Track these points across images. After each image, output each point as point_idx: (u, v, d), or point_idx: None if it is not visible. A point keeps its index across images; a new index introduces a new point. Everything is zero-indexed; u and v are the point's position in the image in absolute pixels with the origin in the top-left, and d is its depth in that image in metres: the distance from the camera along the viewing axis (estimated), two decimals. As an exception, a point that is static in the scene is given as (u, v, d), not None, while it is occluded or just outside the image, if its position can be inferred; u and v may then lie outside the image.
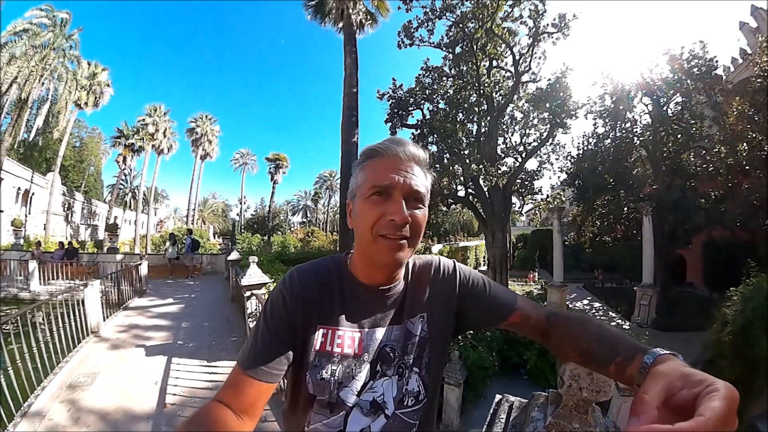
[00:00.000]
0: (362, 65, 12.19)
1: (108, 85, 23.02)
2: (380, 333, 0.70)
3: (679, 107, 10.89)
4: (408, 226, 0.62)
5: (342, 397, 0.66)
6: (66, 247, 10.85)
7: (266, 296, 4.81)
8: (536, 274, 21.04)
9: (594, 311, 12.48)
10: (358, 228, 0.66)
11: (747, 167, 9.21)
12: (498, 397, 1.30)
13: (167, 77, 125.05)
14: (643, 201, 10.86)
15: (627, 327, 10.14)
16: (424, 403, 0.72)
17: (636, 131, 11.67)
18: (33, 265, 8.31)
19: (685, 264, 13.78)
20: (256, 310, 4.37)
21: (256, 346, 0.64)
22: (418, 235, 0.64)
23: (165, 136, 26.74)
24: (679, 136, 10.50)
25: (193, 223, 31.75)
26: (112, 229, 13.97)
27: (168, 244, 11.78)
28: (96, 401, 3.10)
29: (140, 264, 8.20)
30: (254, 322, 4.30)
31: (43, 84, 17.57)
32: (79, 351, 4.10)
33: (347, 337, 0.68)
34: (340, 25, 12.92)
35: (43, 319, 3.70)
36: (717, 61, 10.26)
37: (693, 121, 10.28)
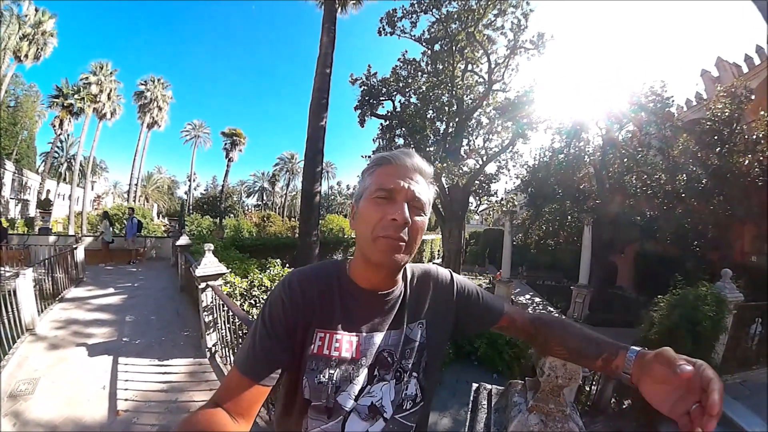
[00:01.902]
0: (338, 47, 11.70)
1: (53, 35, 19.72)
2: (378, 338, 0.71)
3: (630, 135, 12.06)
4: (407, 229, 0.65)
5: (340, 401, 0.66)
6: None
7: (222, 289, 4.62)
8: (501, 272, 22.36)
9: (534, 305, 13.71)
10: (360, 228, 0.68)
11: (683, 195, 10.33)
12: (475, 385, 1.47)
13: (118, 31, 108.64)
14: (586, 212, 12.03)
15: (563, 321, 11.32)
16: (420, 407, 0.74)
17: (588, 150, 12.72)
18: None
19: (617, 269, 15.53)
20: (212, 303, 4.10)
21: (255, 347, 0.65)
22: (416, 241, 0.67)
23: (109, 98, 23.28)
24: (625, 159, 11.65)
25: (135, 201, 28.62)
26: (45, 205, 12.31)
27: (103, 225, 10.56)
28: (41, 412, 2.81)
29: (76, 248, 7.30)
30: (210, 316, 4.14)
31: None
32: (15, 353, 3.66)
33: (345, 341, 0.69)
34: (323, -1, 12.28)
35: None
36: (673, 101, 11.36)
37: (640, 149, 11.44)
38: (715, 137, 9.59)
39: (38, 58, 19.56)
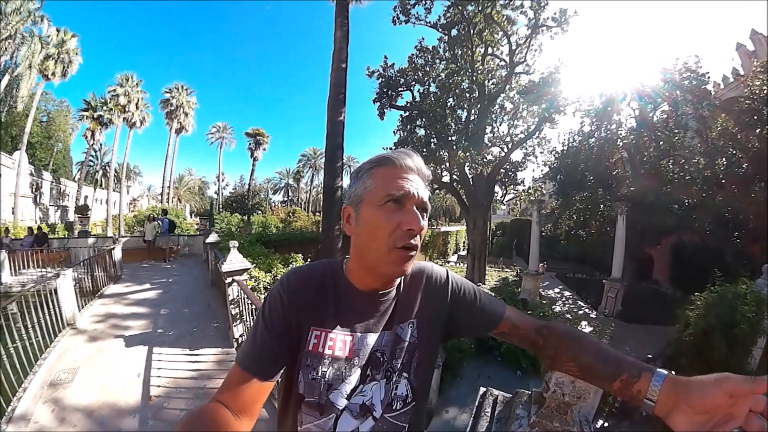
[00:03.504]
0: (353, 40, 11.59)
1: (77, 53, 21.17)
2: (372, 338, 0.71)
3: (665, 115, 11.26)
4: (418, 236, 0.64)
5: (332, 399, 0.67)
6: (36, 233, 10.12)
7: (247, 283, 4.73)
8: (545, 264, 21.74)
9: (564, 299, 13.15)
10: (364, 235, 0.66)
11: (723, 181, 9.63)
12: (482, 389, 1.40)
13: (141, 45, 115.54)
14: (620, 201, 11.33)
15: (593, 316, 10.76)
16: (412, 407, 0.73)
17: (620, 134, 11.99)
18: (3, 254, 7.65)
19: (652, 262, 14.62)
20: (237, 296, 4.28)
21: (255, 345, 0.66)
22: (420, 245, 0.67)
23: (137, 107, 24.92)
24: (661, 143, 10.89)
25: (168, 202, 30.41)
26: (83, 210, 13.18)
27: (148, 224, 11.18)
28: (79, 399, 3.00)
29: (114, 248, 7.81)
30: (236, 309, 4.24)
31: (5, 51, 16.03)
32: (56, 346, 3.93)
33: (339, 340, 0.69)
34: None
35: (17, 313, 3.51)
36: (708, 77, 10.55)
37: (677, 131, 10.67)
38: (755, 117, 8.79)
39: (65, 75, 21.06)
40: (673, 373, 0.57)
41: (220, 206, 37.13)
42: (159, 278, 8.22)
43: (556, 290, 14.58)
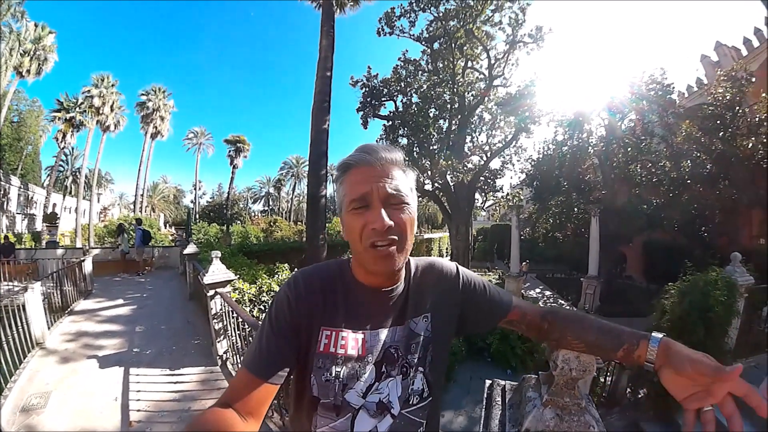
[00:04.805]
0: (338, 49, 11.59)
1: (53, 51, 20.01)
2: (383, 334, 0.71)
3: (632, 123, 11.94)
4: (393, 229, 0.63)
5: (348, 399, 0.66)
6: (2, 242, 9.49)
7: (231, 295, 4.58)
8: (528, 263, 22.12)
9: (545, 298, 13.54)
10: (349, 240, 0.68)
11: (689, 181, 10.29)
12: (488, 382, 1.46)
13: (119, 45, 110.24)
14: (593, 204, 11.90)
15: (575, 312, 11.22)
16: (429, 402, 0.73)
17: (591, 142, 12.62)
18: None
19: (626, 259, 15.33)
20: (221, 310, 4.08)
21: (261, 347, 0.66)
22: (406, 236, 0.65)
23: (112, 110, 23.60)
24: (629, 149, 11.53)
25: (141, 211, 29.03)
26: (51, 219, 12.46)
27: (121, 238, 10.66)
28: (54, 425, 2.80)
29: (84, 260, 7.35)
30: (219, 323, 4.10)
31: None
32: (26, 368, 3.65)
33: (351, 338, 0.69)
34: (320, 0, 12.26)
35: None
36: (673, 87, 11.31)
37: (643, 137, 11.35)
38: (718, 122, 9.46)
39: (39, 74, 19.83)
40: (665, 335, 0.67)
41: (197, 216, 35.87)
42: (133, 293, 7.82)
43: (538, 290, 14.97)
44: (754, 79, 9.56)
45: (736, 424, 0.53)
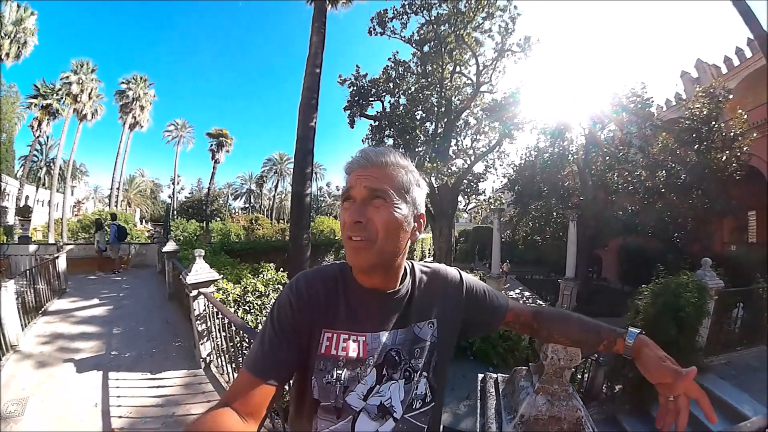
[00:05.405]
0: (329, 46, 11.29)
1: (33, 34, 18.74)
2: (385, 337, 0.71)
3: (612, 134, 12.54)
4: (366, 225, 0.64)
5: (348, 401, 0.67)
6: None
7: (215, 295, 4.52)
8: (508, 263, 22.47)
9: (525, 299, 13.98)
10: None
11: (663, 190, 10.87)
12: (481, 375, 1.54)
13: (100, 28, 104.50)
14: (571, 209, 12.42)
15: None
16: (431, 407, 0.74)
17: (572, 149, 13.13)
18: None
19: (602, 262, 16.00)
20: (204, 311, 3.95)
21: (263, 348, 0.66)
22: (378, 233, 0.64)
23: (90, 98, 22.18)
24: (607, 158, 12.14)
25: (117, 206, 27.53)
26: (24, 212, 11.64)
27: (99, 232, 10.03)
28: None
29: (58, 257, 6.99)
30: (203, 325, 4.03)
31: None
32: (1, 372, 3.50)
33: (352, 341, 0.69)
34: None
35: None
36: (652, 101, 11.85)
37: (621, 147, 11.93)
38: (694, 135, 10.00)
39: (19, 57, 18.53)
40: (642, 332, 0.78)
41: (175, 212, 34.69)
42: (109, 292, 7.53)
43: (517, 291, 15.44)
44: (731, 96, 10.10)
45: (681, 423, 0.64)
